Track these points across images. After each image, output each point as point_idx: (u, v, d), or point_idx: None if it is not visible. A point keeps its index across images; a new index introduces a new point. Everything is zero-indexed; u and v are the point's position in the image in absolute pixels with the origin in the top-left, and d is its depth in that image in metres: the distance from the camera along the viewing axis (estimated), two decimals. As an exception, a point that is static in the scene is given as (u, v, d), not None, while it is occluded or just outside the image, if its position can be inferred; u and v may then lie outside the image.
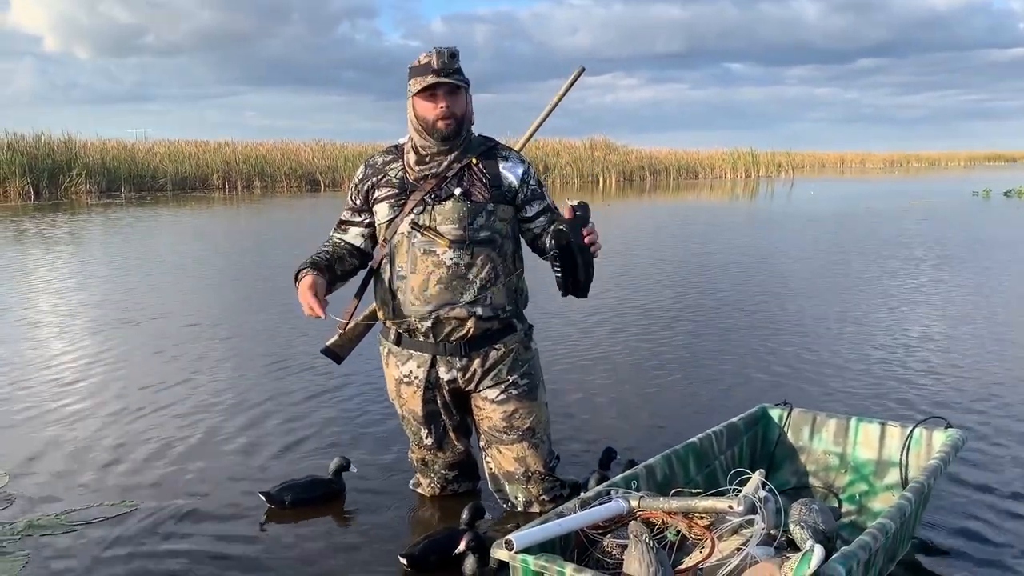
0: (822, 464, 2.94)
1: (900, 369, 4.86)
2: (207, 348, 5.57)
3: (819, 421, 2.97)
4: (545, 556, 1.98)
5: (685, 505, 2.26)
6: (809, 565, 1.85)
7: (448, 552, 2.50)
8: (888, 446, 2.83)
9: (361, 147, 31.15)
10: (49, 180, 22.89)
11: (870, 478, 2.85)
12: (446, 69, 2.66)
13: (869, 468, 2.86)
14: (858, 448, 2.89)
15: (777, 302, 7.12)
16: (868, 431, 2.88)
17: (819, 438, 2.96)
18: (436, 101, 2.69)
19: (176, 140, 29.40)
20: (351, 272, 2.94)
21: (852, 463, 2.89)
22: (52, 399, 4.39)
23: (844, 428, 2.92)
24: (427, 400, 2.90)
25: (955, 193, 24.83)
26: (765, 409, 3.05)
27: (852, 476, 2.88)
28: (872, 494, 2.83)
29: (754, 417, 3.00)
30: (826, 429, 2.95)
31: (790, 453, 2.99)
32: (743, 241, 12.39)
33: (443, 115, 2.69)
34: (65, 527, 2.88)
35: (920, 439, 2.77)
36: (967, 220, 15.69)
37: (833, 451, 2.93)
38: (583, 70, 2.99)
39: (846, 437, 2.91)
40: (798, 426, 2.99)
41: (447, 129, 2.71)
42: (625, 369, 4.96)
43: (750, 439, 2.97)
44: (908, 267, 9.14)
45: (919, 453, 2.76)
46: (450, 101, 2.70)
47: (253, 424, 3.97)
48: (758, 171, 41.46)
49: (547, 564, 1.95)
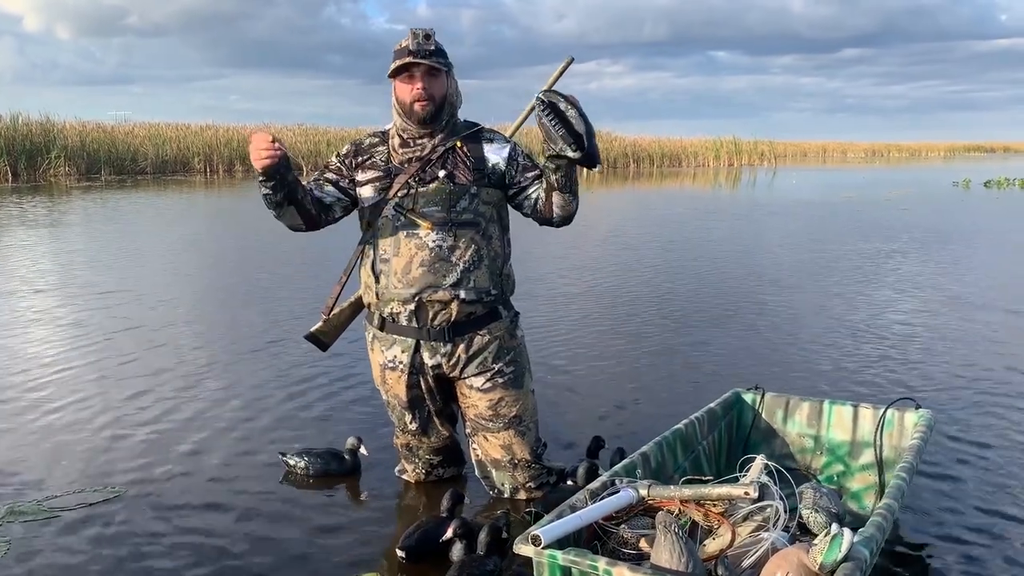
0: (797, 446, 3.00)
1: (868, 354, 4.98)
2: (190, 334, 5.57)
3: (792, 404, 3.02)
4: (574, 551, 1.96)
5: (697, 493, 2.25)
6: (840, 549, 1.86)
7: (438, 539, 2.52)
8: (861, 427, 2.90)
9: (345, 132, 30.94)
10: (27, 162, 22.62)
11: (845, 459, 2.92)
12: (422, 50, 2.67)
13: (844, 449, 2.92)
14: (832, 430, 2.95)
15: (751, 290, 7.20)
16: (841, 413, 2.94)
17: (793, 421, 3.02)
18: (412, 83, 2.70)
19: (157, 123, 29.10)
20: (305, 210, 2.76)
21: (827, 445, 2.95)
22: (32, 386, 4.37)
23: (817, 411, 2.98)
24: (411, 385, 2.90)
25: (935, 183, 25.03)
26: (738, 394, 3.10)
27: (828, 457, 2.95)
28: (849, 474, 2.90)
29: (728, 402, 3.05)
30: (799, 412, 3.01)
31: (765, 437, 3.04)
32: (722, 230, 12.45)
33: (419, 96, 2.69)
34: (47, 514, 2.87)
35: (892, 420, 2.85)
36: (945, 210, 15.85)
37: (808, 433, 2.99)
38: (572, 60, 3.00)
39: (820, 419, 2.97)
40: (772, 410, 3.05)
41: (423, 111, 2.71)
42: (604, 356, 5.01)
43: (727, 424, 3.02)
44: (883, 255, 9.25)
45: (892, 433, 2.84)
46: (427, 83, 2.70)
47: (238, 410, 3.98)
48: (740, 160, 41.61)
49: (577, 559, 1.93)
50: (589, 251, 9.73)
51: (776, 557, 2.00)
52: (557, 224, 2.82)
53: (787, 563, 1.94)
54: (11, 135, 22.50)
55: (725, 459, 2.97)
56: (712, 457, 2.90)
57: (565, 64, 3.00)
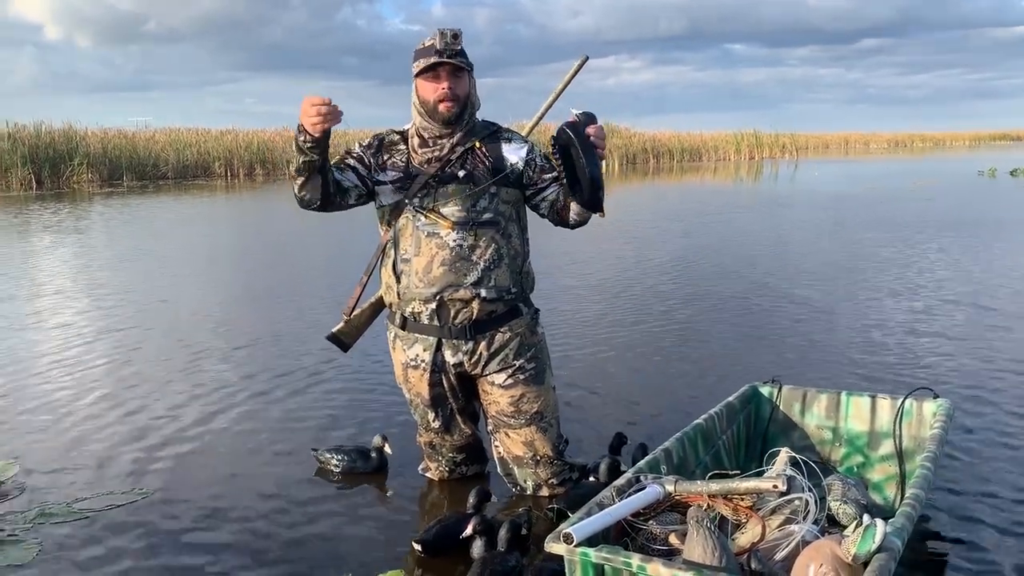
0: (816, 438, 3.00)
1: (884, 344, 4.98)
2: (216, 336, 5.64)
3: (810, 397, 3.02)
4: (607, 548, 1.95)
5: (725, 487, 2.24)
6: (874, 540, 1.86)
7: (458, 536, 2.53)
8: (880, 418, 2.90)
9: (361, 133, 31.05)
10: (51, 170, 22.91)
11: (865, 450, 2.92)
12: (448, 49, 2.67)
13: (863, 440, 2.93)
14: (850, 421, 2.95)
15: (766, 282, 7.18)
16: (859, 404, 2.95)
17: (811, 413, 3.02)
18: (438, 82, 2.70)
19: (177, 128, 29.38)
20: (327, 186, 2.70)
21: (846, 436, 2.95)
22: (61, 389, 4.44)
23: (835, 402, 2.98)
24: (433, 383, 2.92)
25: (960, 173, 24.72)
26: (756, 387, 3.10)
27: (847, 449, 2.95)
28: (869, 465, 2.90)
29: (746, 396, 3.05)
30: (817, 404, 3.01)
31: (783, 429, 3.05)
32: (740, 223, 12.40)
33: (445, 96, 2.70)
34: (77, 515, 2.90)
35: (911, 410, 2.84)
36: (972, 199, 15.66)
37: (826, 425, 2.99)
38: (587, 59, 3.00)
39: (838, 411, 2.97)
40: (789, 402, 3.05)
41: (448, 112, 2.73)
42: (622, 352, 5.02)
43: (745, 417, 3.03)
44: (906, 246, 9.17)
45: (911, 423, 2.84)
46: (452, 82, 2.71)
47: (264, 411, 4.04)
48: (762, 153, 41.32)
49: (610, 556, 1.92)
50: (604, 246, 9.73)
51: (809, 549, 1.99)
52: (572, 227, 2.86)
53: (820, 555, 1.93)
54: (35, 143, 22.81)
55: (744, 453, 2.98)
56: (732, 451, 2.91)
57: (580, 63, 3.00)
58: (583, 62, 3.00)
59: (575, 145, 2.52)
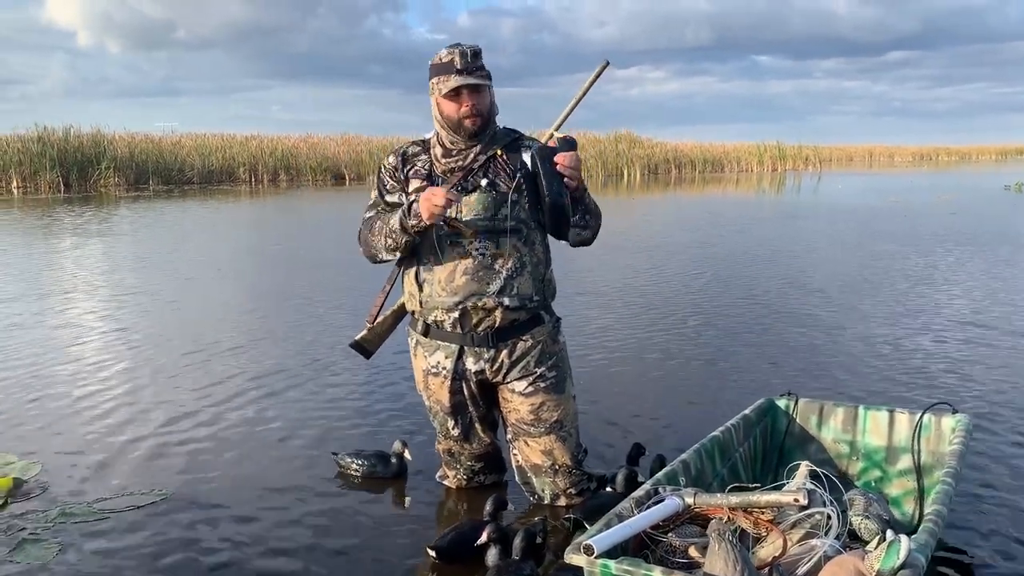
0: (833, 452, 2.99)
1: (902, 360, 4.95)
2: (240, 339, 5.68)
3: (826, 410, 3.01)
4: (628, 560, 1.93)
5: (745, 500, 2.23)
6: (898, 556, 1.85)
7: (472, 543, 2.54)
8: (897, 432, 2.88)
9: (386, 140, 31.32)
10: (79, 173, 23.25)
11: (882, 464, 2.90)
12: (469, 68, 2.70)
13: (880, 455, 2.91)
14: (867, 435, 2.94)
15: (784, 295, 7.16)
16: (876, 418, 2.93)
17: (828, 427, 3.01)
18: (461, 101, 2.72)
19: (203, 133, 29.74)
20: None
21: (863, 450, 2.94)
22: (83, 390, 4.49)
23: (852, 416, 2.97)
24: (454, 391, 2.93)
25: (986, 187, 24.48)
26: (772, 400, 3.09)
27: (864, 463, 2.94)
28: (886, 480, 2.89)
29: (762, 409, 3.05)
30: (834, 418, 3.00)
31: (800, 443, 3.03)
32: (760, 235, 12.35)
33: (469, 113, 2.73)
34: (97, 515, 2.94)
35: (930, 425, 2.82)
36: (997, 214, 15.50)
37: (843, 439, 2.98)
38: (607, 64, 2.98)
39: (855, 425, 2.96)
40: (806, 415, 3.04)
41: (474, 127, 2.75)
42: (637, 361, 5.04)
43: (762, 431, 3.02)
44: (928, 260, 9.10)
45: (929, 438, 2.82)
46: (475, 100, 2.73)
47: (285, 414, 4.07)
48: (785, 164, 41.13)
49: (631, 568, 1.89)
50: (623, 258, 9.71)
51: (831, 564, 1.98)
52: (573, 245, 2.92)
53: (843, 570, 1.92)
54: (63, 147, 23.18)
55: (761, 466, 2.97)
56: (748, 464, 2.91)
57: (601, 68, 2.98)
58: (603, 67, 2.97)
59: (539, 172, 2.55)
